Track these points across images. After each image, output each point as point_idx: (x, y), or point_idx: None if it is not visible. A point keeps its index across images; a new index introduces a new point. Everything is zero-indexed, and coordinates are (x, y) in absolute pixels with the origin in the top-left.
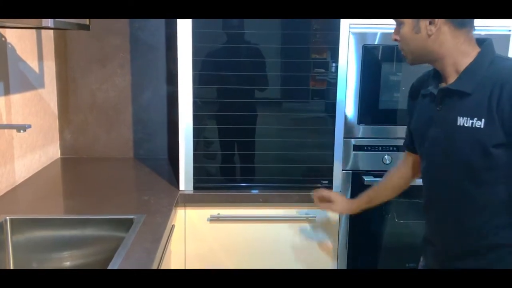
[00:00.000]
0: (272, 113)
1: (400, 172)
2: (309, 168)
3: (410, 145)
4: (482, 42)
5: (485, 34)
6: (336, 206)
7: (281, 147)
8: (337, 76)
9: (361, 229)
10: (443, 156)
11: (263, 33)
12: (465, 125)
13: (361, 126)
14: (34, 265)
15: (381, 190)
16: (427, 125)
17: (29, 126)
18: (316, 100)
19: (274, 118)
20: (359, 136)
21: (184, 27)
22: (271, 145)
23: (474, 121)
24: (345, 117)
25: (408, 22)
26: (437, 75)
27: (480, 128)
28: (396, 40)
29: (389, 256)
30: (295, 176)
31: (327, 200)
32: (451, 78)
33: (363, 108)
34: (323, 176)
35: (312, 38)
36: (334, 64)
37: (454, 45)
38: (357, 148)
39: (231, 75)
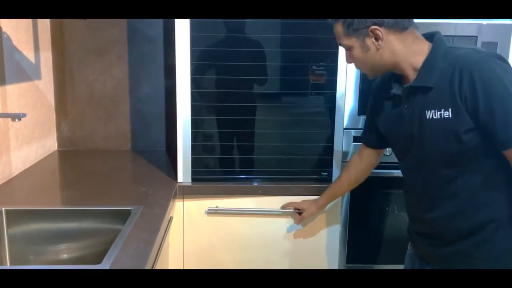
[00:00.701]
0: (271, 104)
1: (358, 166)
2: (309, 160)
3: (368, 140)
4: (431, 36)
5: (487, 24)
6: (306, 213)
7: (280, 138)
8: (337, 66)
9: (361, 222)
10: (417, 150)
11: (262, 23)
12: (434, 117)
13: (362, 117)
14: (31, 258)
15: (342, 184)
16: (397, 125)
17: (24, 115)
18: (316, 91)
19: (274, 109)
20: (360, 127)
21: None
22: (270, 137)
23: (442, 112)
24: (345, 108)
25: (355, 45)
26: (397, 77)
27: (448, 118)
28: (351, 63)
29: (390, 248)
30: (295, 168)
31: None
32: (411, 76)
33: (363, 98)
34: (323, 168)
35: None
36: (334, 55)
37: (405, 48)
38: (357, 139)
39: (230, 66)
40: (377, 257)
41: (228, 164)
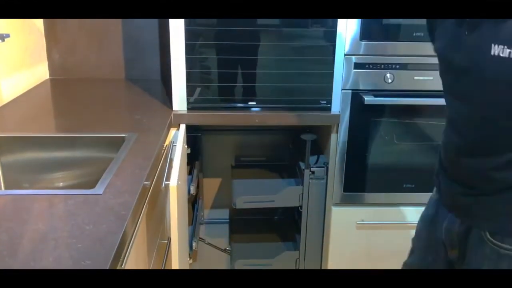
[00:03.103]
0: (271, 28)
1: None
2: (307, 88)
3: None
4: None
5: None
6: None
7: (279, 65)
8: None
9: (360, 151)
10: (471, 90)
11: None
12: (501, 55)
13: (363, 43)
14: (26, 185)
15: None
16: (453, 51)
17: (8, 36)
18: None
19: (274, 33)
20: (361, 53)
21: None
22: (269, 64)
23: None
24: (347, 32)
25: None
26: None
27: None
28: None
29: (387, 177)
30: (293, 96)
31: None
32: None
33: (366, 22)
34: (322, 96)
35: None
36: None
37: None
38: (358, 66)
39: None
40: (376, 186)
41: (224, 92)
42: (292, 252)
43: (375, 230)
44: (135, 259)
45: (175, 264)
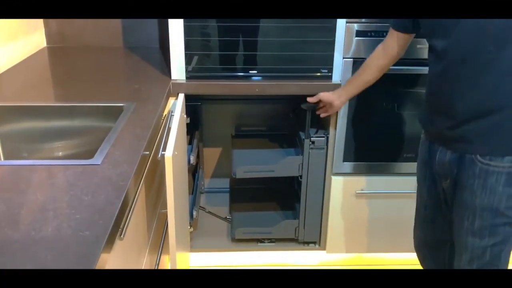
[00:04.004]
0: None
1: (380, 58)
2: (308, 57)
3: (405, 24)
4: None
5: None
6: (334, 108)
7: (280, 33)
8: None
9: (360, 120)
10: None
11: None
12: None
13: None
14: (25, 155)
15: (362, 78)
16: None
17: None
18: None
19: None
20: (363, 20)
21: None
22: (270, 31)
23: None
24: None
25: None
26: None
27: None
28: None
29: (387, 146)
30: (294, 65)
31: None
32: None
33: None
34: (323, 65)
35: None
36: None
37: None
38: (360, 33)
39: None
40: (376, 155)
41: (224, 61)
42: (292, 221)
43: (375, 200)
44: (135, 229)
45: (171, 234)
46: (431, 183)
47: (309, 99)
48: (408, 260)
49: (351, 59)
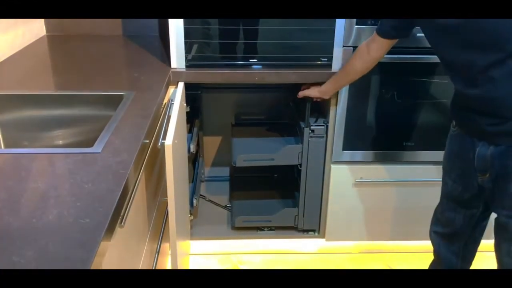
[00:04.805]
0: None
1: (364, 58)
2: (308, 45)
3: (385, 29)
4: None
5: None
6: (325, 98)
7: (279, 22)
8: None
9: (360, 109)
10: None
11: None
12: None
13: None
14: (25, 144)
15: (347, 73)
16: None
17: None
18: None
19: None
20: None
21: None
22: (270, 20)
23: None
24: None
25: None
26: None
27: None
28: None
29: (387, 135)
30: (293, 53)
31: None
32: None
33: None
34: (323, 53)
35: None
36: None
37: None
38: (360, 22)
39: None
40: (375, 144)
41: (224, 49)
42: (291, 209)
43: (374, 188)
44: (135, 217)
45: (172, 222)
46: (458, 175)
47: (299, 95)
48: (406, 247)
49: (351, 48)
